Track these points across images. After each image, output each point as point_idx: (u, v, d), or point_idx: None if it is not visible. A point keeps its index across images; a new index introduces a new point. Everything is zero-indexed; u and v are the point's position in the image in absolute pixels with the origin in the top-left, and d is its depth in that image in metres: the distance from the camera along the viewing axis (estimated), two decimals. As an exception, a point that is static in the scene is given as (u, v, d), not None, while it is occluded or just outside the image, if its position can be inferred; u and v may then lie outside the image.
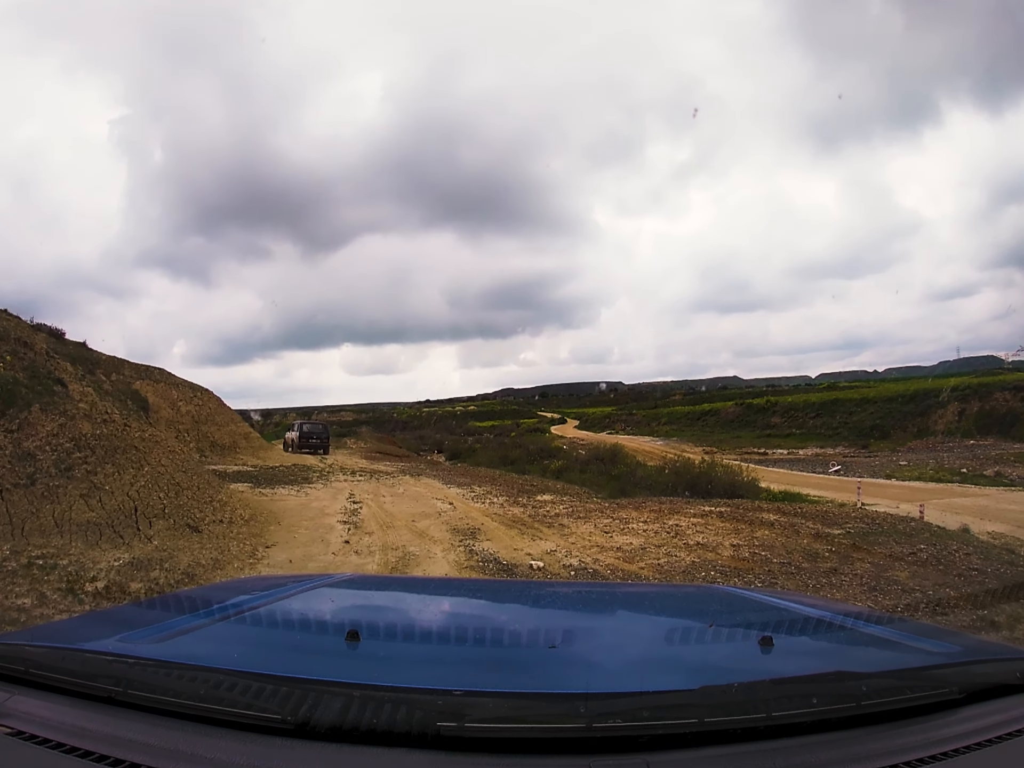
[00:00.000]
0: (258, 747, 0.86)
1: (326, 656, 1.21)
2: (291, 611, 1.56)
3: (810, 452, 30.34)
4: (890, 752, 0.90)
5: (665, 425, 53.97)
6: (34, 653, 1.10)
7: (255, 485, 13.70)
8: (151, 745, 0.86)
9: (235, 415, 25.45)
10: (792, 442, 35.15)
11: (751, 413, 46.13)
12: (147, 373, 22.92)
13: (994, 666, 1.19)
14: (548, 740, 0.87)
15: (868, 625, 1.52)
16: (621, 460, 21.21)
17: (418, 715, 0.86)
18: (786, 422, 40.89)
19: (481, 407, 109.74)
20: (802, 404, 42.52)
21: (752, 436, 39.30)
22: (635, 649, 1.36)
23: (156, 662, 1.05)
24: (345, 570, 6.07)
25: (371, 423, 70.56)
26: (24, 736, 0.89)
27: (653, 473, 17.41)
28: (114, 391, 21.66)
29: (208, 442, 21.42)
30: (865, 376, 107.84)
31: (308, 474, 16.86)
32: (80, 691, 0.99)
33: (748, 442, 36.55)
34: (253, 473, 16.39)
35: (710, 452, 28.17)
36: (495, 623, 1.62)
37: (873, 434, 32.91)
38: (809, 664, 1.25)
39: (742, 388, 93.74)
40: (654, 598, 2.20)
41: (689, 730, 0.89)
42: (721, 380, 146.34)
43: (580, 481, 17.53)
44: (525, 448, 28.82)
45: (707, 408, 53.90)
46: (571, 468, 20.91)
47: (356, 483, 15.08)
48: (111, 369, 22.22)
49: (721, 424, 46.90)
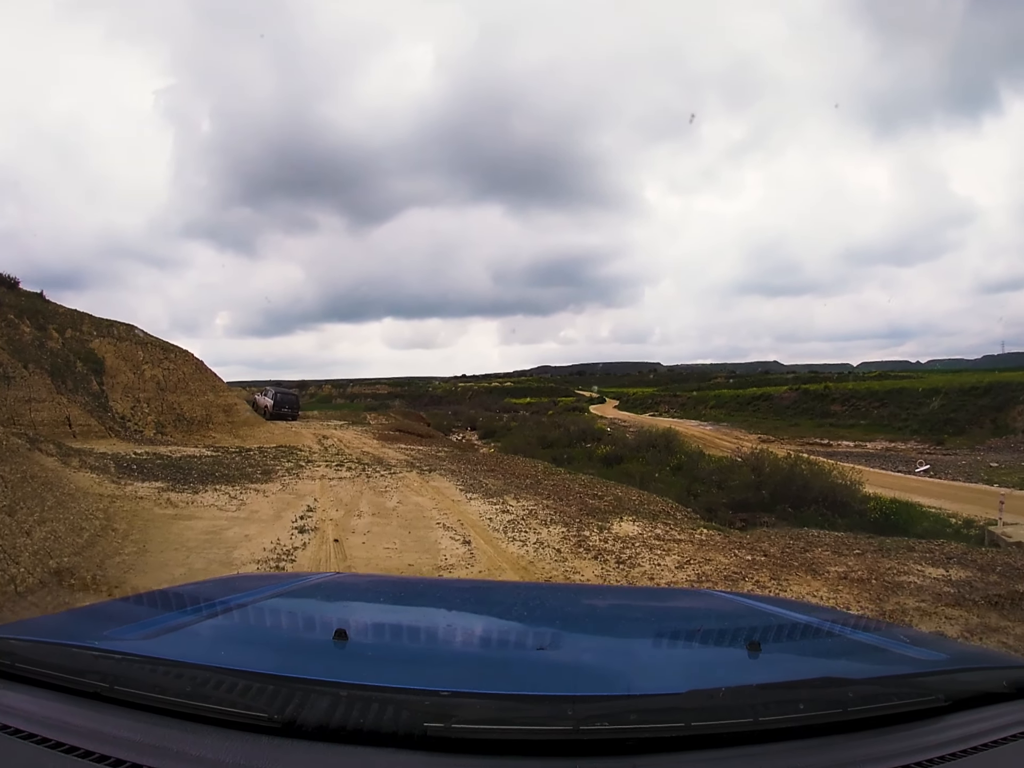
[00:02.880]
0: (245, 745, 0.85)
1: (314, 655, 1.18)
2: (279, 609, 1.52)
3: (879, 445, 28.45)
4: (876, 758, 0.91)
5: (713, 409, 52.16)
6: (20, 647, 1.08)
7: (176, 484, 9.00)
8: (137, 741, 0.86)
9: (218, 383, 20.95)
10: (857, 433, 33.04)
11: (808, 399, 43.32)
12: (110, 330, 18.58)
13: (980, 674, 1.20)
14: (535, 742, 0.86)
15: (856, 632, 1.52)
16: (677, 447, 19.26)
17: (405, 715, 0.86)
18: (847, 410, 38.61)
19: (517, 383, 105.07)
20: (864, 392, 39.65)
21: (811, 424, 37.03)
22: (623, 652, 1.36)
23: (143, 658, 1.04)
24: None
25: (406, 397, 71.13)
26: (9, 731, 0.88)
27: (723, 468, 15.05)
28: (62, 349, 17.38)
29: (172, 415, 16.98)
30: (907, 367, 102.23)
31: (279, 464, 12.21)
32: (67, 686, 0.98)
33: (808, 431, 34.50)
34: (202, 460, 11.76)
35: (767, 440, 27.44)
36: (483, 624, 1.60)
37: (946, 429, 30.62)
38: (796, 669, 1.24)
39: (783, 373, 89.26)
40: (643, 601, 2.20)
41: (676, 734, 0.88)
42: (762, 364, 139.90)
43: (641, 476, 14.28)
44: (565, 429, 26.64)
45: (758, 392, 51.50)
46: (623, 456, 18.33)
47: (335, 483, 10.27)
48: (67, 324, 17.86)
49: (775, 410, 44.55)
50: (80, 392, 15.47)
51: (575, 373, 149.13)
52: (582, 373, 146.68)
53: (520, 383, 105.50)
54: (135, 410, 16.29)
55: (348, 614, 1.62)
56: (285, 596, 1.68)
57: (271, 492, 9.12)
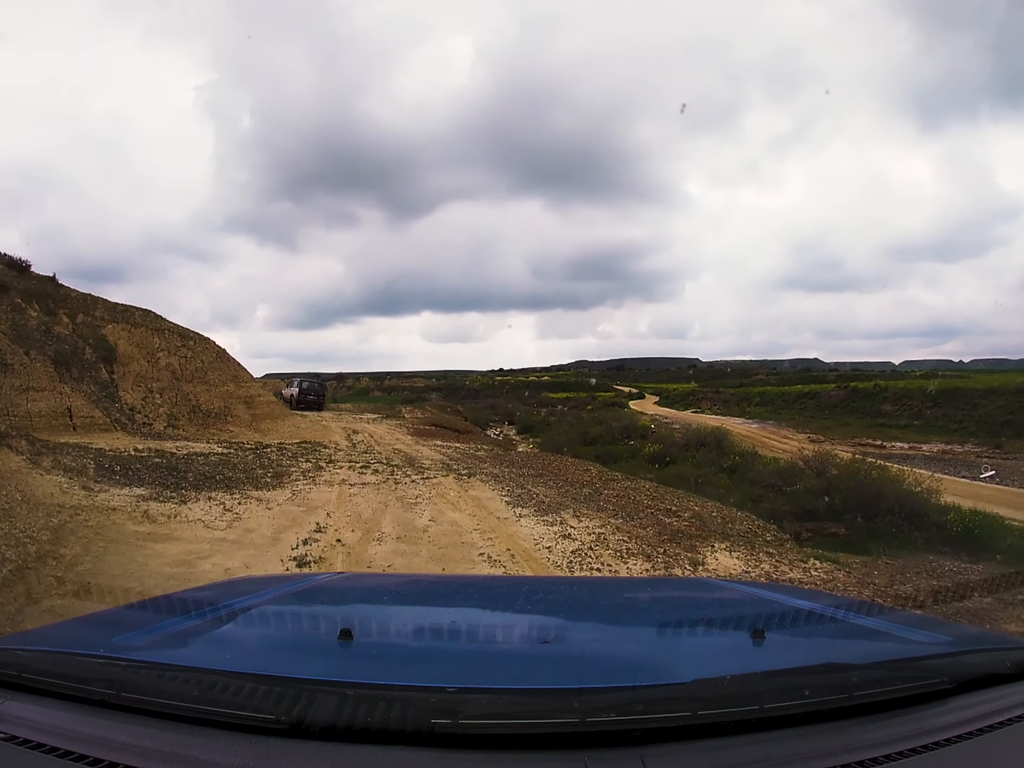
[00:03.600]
0: (253, 747, 0.85)
1: (319, 655, 1.16)
2: (284, 611, 1.51)
3: (935, 448, 26.94)
4: (882, 742, 0.90)
5: (758, 406, 50.11)
6: (27, 657, 1.07)
7: (162, 491, 7.43)
8: (145, 748, 0.86)
9: (241, 372, 19.44)
10: (910, 434, 31.40)
11: (857, 398, 41.51)
12: (126, 315, 17.32)
13: (984, 656, 1.18)
14: (542, 735, 0.86)
15: (859, 617, 1.51)
16: (729, 447, 17.75)
17: (412, 713, 0.85)
18: (899, 410, 36.78)
19: (555, 378, 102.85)
20: (916, 391, 37.94)
21: (862, 424, 35.28)
22: (628, 643, 1.34)
23: (149, 664, 1.03)
24: None
25: (442, 390, 70.18)
26: (18, 741, 0.87)
27: (782, 471, 13.31)
28: (70, 335, 16.13)
29: (187, 407, 15.55)
30: (950, 366, 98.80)
31: (296, 464, 10.63)
32: (74, 695, 0.96)
33: (859, 431, 32.84)
34: (208, 458, 10.23)
35: (816, 440, 26.34)
36: (488, 619, 1.58)
37: (1004, 431, 28.58)
38: (801, 656, 1.21)
39: (826, 371, 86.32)
40: (646, 592, 2.18)
41: (683, 723, 0.88)
42: (802, 362, 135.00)
43: (696, 479, 12.99)
44: (607, 425, 24.84)
45: (805, 390, 49.78)
46: (672, 455, 16.83)
47: (356, 491, 8.57)
48: (79, 309, 16.61)
49: (822, 408, 42.90)
50: (86, 381, 14.16)
51: (613, 368, 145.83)
52: (620, 368, 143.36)
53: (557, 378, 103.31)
54: (146, 401, 14.92)
55: (353, 613, 1.58)
56: (289, 597, 1.67)
57: (276, 502, 7.45)
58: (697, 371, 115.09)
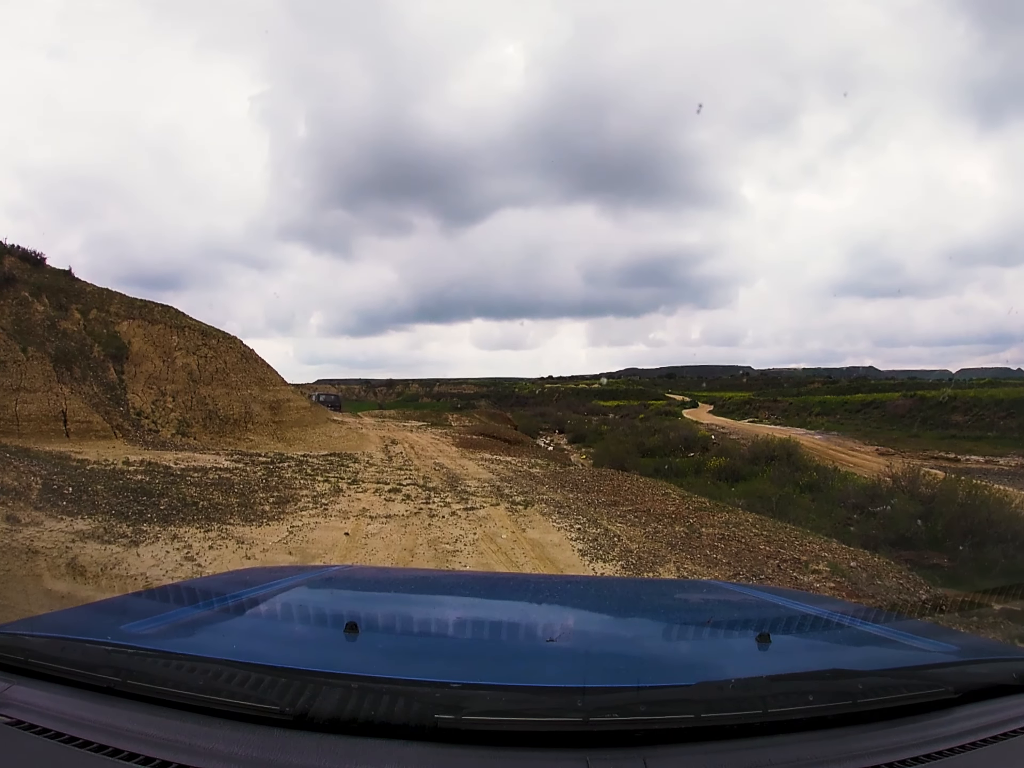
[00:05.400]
0: (257, 738, 0.84)
1: (325, 647, 1.15)
2: (290, 602, 1.50)
3: (1013, 462, 25.41)
4: (885, 750, 0.88)
5: (819, 416, 48.05)
6: (34, 643, 1.05)
7: (117, 524, 5.51)
8: (150, 735, 0.85)
9: (269, 374, 17.68)
10: (985, 447, 29.77)
11: (925, 408, 39.55)
12: (143, 311, 15.78)
13: (990, 666, 1.17)
14: (545, 733, 0.85)
15: (865, 623, 1.50)
16: (801, 461, 16.68)
17: (416, 707, 0.85)
18: (970, 421, 35.27)
19: (605, 386, 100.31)
20: (987, 400, 36.21)
21: (932, 436, 33.76)
22: (632, 644, 1.33)
23: (156, 652, 1.01)
24: None
25: (492, 397, 70.35)
26: (24, 726, 0.87)
27: (866, 489, 11.84)
28: (79, 332, 14.63)
29: (202, 412, 13.84)
30: (1009, 375, 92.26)
31: (311, 485, 8.62)
32: (80, 681, 0.95)
33: (929, 443, 31.26)
34: (205, 475, 8.31)
35: (886, 453, 25.80)
36: (493, 616, 1.57)
37: None
38: (806, 661, 1.20)
39: (884, 379, 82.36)
40: (652, 593, 2.16)
41: (686, 725, 0.87)
42: (857, 370, 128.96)
43: (778, 499, 11.65)
44: (665, 435, 24.06)
45: (868, 399, 48.00)
46: (741, 470, 15.64)
47: (378, 527, 6.51)
48: (93, 304, 15.13)
49: (887, 419, 41.04)
50: (89, 381, 12.58)
51: (664, 375, 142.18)
52: (671, 376, 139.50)
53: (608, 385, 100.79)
54: (157, 405, 13.27)
55: (359, 607, 1.57)
56: (295, 589, 1.64)
57: (262, 546, 5.40)
58: (750, 379, 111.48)
